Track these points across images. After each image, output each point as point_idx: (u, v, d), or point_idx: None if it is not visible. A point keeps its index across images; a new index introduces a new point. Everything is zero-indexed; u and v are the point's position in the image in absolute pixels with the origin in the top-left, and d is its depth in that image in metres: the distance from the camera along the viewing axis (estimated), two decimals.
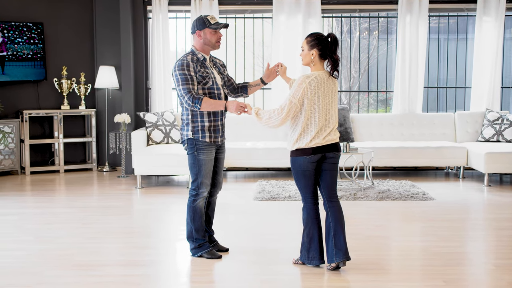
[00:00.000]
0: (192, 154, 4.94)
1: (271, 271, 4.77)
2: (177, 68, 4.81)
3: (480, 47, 9.48)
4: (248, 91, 5.27)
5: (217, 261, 4.99)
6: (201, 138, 4.89)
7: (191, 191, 5.02)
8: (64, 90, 9.59)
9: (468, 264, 4.92)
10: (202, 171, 4.92)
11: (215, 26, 4.90)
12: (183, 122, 4.97)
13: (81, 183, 8.69)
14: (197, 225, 5.02)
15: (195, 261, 5.01)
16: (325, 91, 4.63)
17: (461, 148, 8.76)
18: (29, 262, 4.97)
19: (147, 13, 9.69)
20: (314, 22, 9.46)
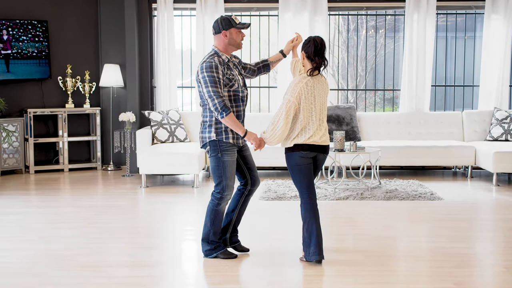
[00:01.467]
0: (215, 156, 4.85)
1: (278, 272, 4.70)
2: (205, 70, 4.71)
3: (488, 45, 9.37)
4: (270, 67, 5.29)
5: (224, 262, 4.91)
6: (225, 139, 4.82)
7: (215, 194, 4.92)
8: (69, 89, 9.53)
9: (477, 265, 4.84)
10: (227, 173, 4.85)
11: (241, 26, 4.86)
12: (205, 124, 4.87)
13: (85, 182, 8.63)
14: (216, 228, 4.97)
15: (201, 262, 4.94)
16: (320, 91, 4.80)
17: (469, 147, 8.67)
18: (34, 263, 4.91)
19: (152, 11, 9.62)
20: (320, 20, 9.38)
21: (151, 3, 9.54)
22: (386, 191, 7.63)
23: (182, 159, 8.08)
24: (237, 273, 4.72)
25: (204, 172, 9.33)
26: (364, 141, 9.12)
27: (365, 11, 9.78)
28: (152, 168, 8.17)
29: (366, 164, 8.00)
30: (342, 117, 9.07)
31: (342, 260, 4.98)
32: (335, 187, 7.79)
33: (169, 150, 8.25)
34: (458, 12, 9.96)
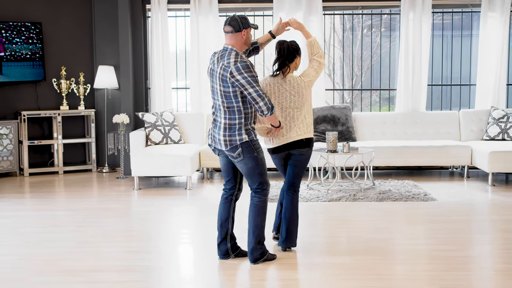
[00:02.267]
0: (251, 156, 4.81)
1: (273, 275, 4.65)
2: (244, 70, 4.65)
3: (485, 44, 9.28)
4: (260, 49, 5.30)
5: (220, 266, 4.87)
6: (255, 137, 4.87)
7: (260, 192, 4.91)
8: (63, 91, 9.50)
9: (466, 268, 4.75)
10: (265, 168, 4.91)
11: (254, 26, 4.88)
12: (233, 127, 4.78)
13: (79, 184, 8.59)
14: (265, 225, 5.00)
15: (192, 267, 4.89)
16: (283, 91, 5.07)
17: (465, 147, 8.59)
18: (15, 268, 4.86)
19: (146, 12, 9.57)
20: (315, 19, 9.31)
21: (145, 4, 9.49)
22: (380, 192, 7.56)
23: (175, 161, 8.03)
24: (235, 278, 4.66)
25: (199, 174, 9.28)
26: (359, 141, 9.05)
27: (360, 10, 9.70)
28: (144, 170, 8.13)
29: (359, 165, 7.93)
30: (337, 117, 9.00)
31: (331, 263, 4.92)
32: (327, 188, 7.73)
33: (162, 152, 8.20)
34: (454, 11, 9.88)
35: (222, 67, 4.74)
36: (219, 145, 4.86)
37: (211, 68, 4.87)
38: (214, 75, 4.83)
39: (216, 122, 4.88)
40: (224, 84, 4.72)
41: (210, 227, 6.19)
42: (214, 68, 4.82)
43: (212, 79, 4.87)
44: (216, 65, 4.81)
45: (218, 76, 4.77)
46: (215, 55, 4.88)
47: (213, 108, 4.94)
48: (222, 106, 4.79)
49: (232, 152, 4.82)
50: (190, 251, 5.45)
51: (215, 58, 4.86)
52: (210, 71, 4.88)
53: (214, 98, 4.89)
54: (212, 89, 4.89)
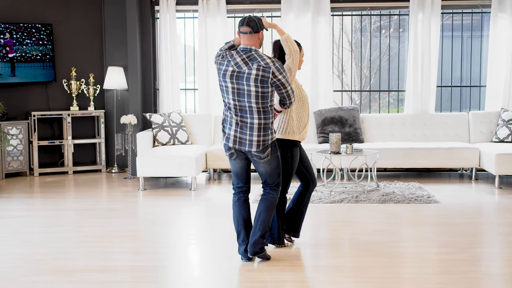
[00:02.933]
0: (276, 156, 4.88)
1: (275, 277, 4.65)
2: (283, 69, 4.74)
3: (495, 45, 9.17)
4: None
5: (222, 267, 4.88)
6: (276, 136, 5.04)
7: (276, 189, 4.96)
8: (73, 91, 9.60)
9: (457, 272, 4.69)
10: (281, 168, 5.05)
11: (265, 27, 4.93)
12: (266, 127, 4.78)
13: (87, 184, 8.67)
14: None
15: (188, 267, 4.91)
16: None
17: (473, 149, 8.49)
18: (8, 267, 4.91)
19: (155, 13, 9.63)
20: (323, 20, 9.28)
21: (154, 6, 9.55)
22: (383, 194, 7.51)
23: (180, 162, 8.06)
24: (233, 279, 4.68)
25: (206, 175, 9.30)
26: (367, 142, 9.00)
27: (368, 11, 9.65)
28: (150, 171, 8.17)
29: (363, 166, 7.89)
30: (345, 119, 8.96)
31: (322, 265, 4.91)
32: (330, 190, 7.70)
33: (168, 153, 8.23)
34: (464, 12, 9.78)
35: (260, 68, 4.67)
36: (247, 146, 4.78)
37: (233, 70, 4.73)
38: (242, 77, 4.71)
39: (244, 123, 4.77)
40: (263, 85, 4.68)
41: (211, 228, 6.23)
42: (244, 70, 4.70)
43: (237, 81, 4.72)
44: (246, 67, 4.70)
45: (253, 78, 4.67)
46: (236, 57, 4.75)
47: (234, 109, 4.78)
48: (254, 107, 4.72)
49: (262, 152, 4.78)
50: (189, 251, 5.46)
51: (238, 59, 4.73)
52: (235, 73, 4.72)
53: (237, 100, 4.75)
54: (237, 90, 4.74)
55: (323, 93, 9.34)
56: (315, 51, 9.29)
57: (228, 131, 4.84)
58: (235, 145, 4.81)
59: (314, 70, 9.31)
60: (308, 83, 9.20)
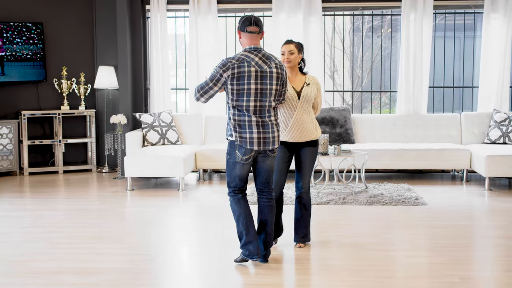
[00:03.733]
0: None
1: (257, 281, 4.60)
2: (286, 68, 4.97)
3: (487, 45, 9.10)
4: None
5: (205, 269, 4.82)
6: None
7: (272, 192, 5.04)
8: (64, 91, 9.56)
9: (432, 275, 4.63)
10: None
11: None
12: (277, 122, 4.94)
13: (76, 184, 8.63)
14: None
15: (165, 270, 4.87)
16: None
17: (464, 150, 8.42)
18: None
19: (145, 12, 9.58)
20: (315, 20, 9.23)
21: (145, 5, 9.50)
22: (371, 195, 7.45)
23: (168, 162, 8.01)
24: (224, 281, 4.63)
25: (196, 175, 9.25)
26: (358, 143, 8.94)
27: (360, 11, 9.58)
28: (138, 171, 8.12)
29: (351, 167, 7.83)
30: (336, 119, 8.90)
31: (292, 268, 4.86)
32: (318, 191, 7.64)
33: (156, 153, 8.19)
34: (456, 12, 9.70)
35: (278, 67, 4.79)
36: (271, 144, 4.82)
37: (256, 70, 4.71)
38: (266, 76, 4.73)
39: (265, 123, 4.78)
40: (281, 83, 4.85)
41: (198, 229, 6.16)
42: (265, 69, 4.73)
43: (262, 81, 4.73)
44: (266, 66, 4.74)
45: (275, 76, 4.76)
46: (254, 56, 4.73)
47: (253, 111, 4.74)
48: (271, 105, 4.81)
49: (272, 150, 4.90)
50: (175, 252, 5.41)
51: (256, 58, 4.72)
52: (258, 73, 4.72)
53: (259, 100, 4.74)
54: (260, 91, 4.73)
55: None
56: (307, 51, 9.22)
57: (250, 134, 4.74)
58: (261, 147, 4.77)
59: (305, 70, 9.21)
60: None
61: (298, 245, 5.37)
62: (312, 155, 5.28)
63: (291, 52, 5.19)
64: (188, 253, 5.39)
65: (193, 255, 5.28)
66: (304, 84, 5.26)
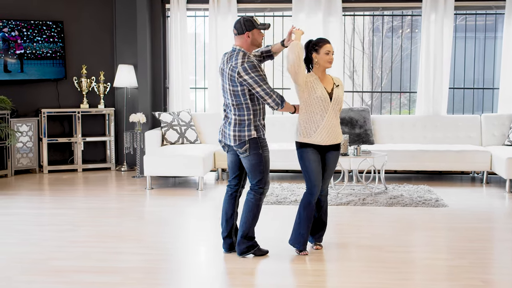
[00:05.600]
0: (257, 153, 4.99)
1: (267, 281, 4.60)
2: (251, 70, 4.87)
3: (508, 46, 9.01)
4: (273, 57, 5.36)
5: (211, 271, 4.82)
6: (263, 136, 5.04)
7: (257, 190, 5.06)
8: (84, 89, 9.61)
9: (454, 279, 4.60)
10: (267, 168, 5.05)
11: (262, 27, 5.00)
12: (242, 123, 4.97)
13: (95, 182, 8.66)
14: (256, 222, 5.14)
15: (172, 270, 4.87)
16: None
17: (484, 152, 8.36)
18: (2, 266, 4.89)
19: (165, 12, 9.60)
20: (334, 20, 9.19)
21: (165, 4, 9.53)
22: (391, 197, 7.41)
23: (187, 161, 8.02)
24: (229, 283, 4.63)
25: (215, 174, 9.25)
26: (377, 144, 8.90)
27: (381, 12, 9.53)
28: (157, 170, 8.14)
29: (371, 168, 7.80)
30: (355, 120, 8.86)
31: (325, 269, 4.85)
32: (338, 191, 7.62)
33: (175, 152, 8.20)
34: (477, 13, 9.63)
35: (230, 68, 4.94)
36: (228, 140, 5.04)
37: (221, 67, 5.08)
38: (224, 75, 5.02)
39: (227, 119, 5.06)
40: (233, 84, 4.92)
41: (215, 229, 6.15)
42: (224, 68, 5.01)
43: (222, 78, 5.06)
44: (226, 65, 5.00)
45: (227, 76, 4.96)
46: (225, 55, 5.08)
47: (224, 105, 5.12)
48: (231, 103, 4.98)
49: (240, 147, 4.99)
50: (192, 252, 5.41)
51: (225, 58, 5.07)
52: (221, 71, 5.08)
53: (224, 96, 5.08)
54: (223, 88, 5.08)
55: None
56: None
57: (221, 125, 5.15)
58: (221, 138, 5.14)
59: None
60: None
61: (315, 247, 5.33)
62: (336, 159, 5.24)
63: (332, 52, 5.19)
64: (206, 253, 5.40)
65: (210, 256, 5.28)
66: (334, 85, 5.18)
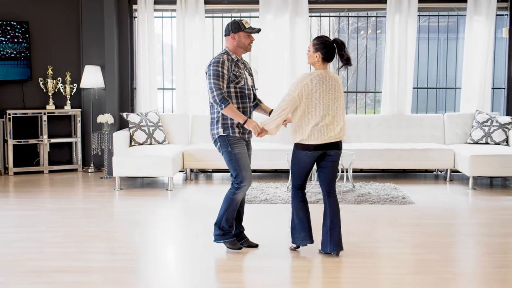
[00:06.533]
0: (227, 151, 5.08)
1: (240, 279, 4.66)
2: (212, 64, 4.99)
3: (470, 47, 9.26)
4: (256, 109, 5.41)
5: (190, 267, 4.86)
6: (231, 133, 5.05)
7: (234, 184, 5.14)
8: (50, 90, 9.53)
9: (427, 272, 4.74)
10: (240, 164, 5.06)
11: (249, 30, 5.10)
12: (213, 120, 5.10)
13: (62, 184, 8.61)
14: (229, 215, 5.18)
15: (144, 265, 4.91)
16: (327, 89, 4.88)
17: (448, 150, 8.58)
18: None
19: (132, 12, 9.59)
20: (301, 21, 9.31)
21: (132, 5, 9.51)
22: (358, 194, 7.55)
23: (156, 162, 8.03)
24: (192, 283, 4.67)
25: (183, 175, 9.28)
26: (344, 143, 9.01)
27: (346, 13, 9.69)
28: (126, 171, 8.13)
29: (340, 167, 7.92)
30: None
31: (296, 265, 4.93)
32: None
33: (144, 153, 8.21)
34: (440, 14, 9.86)
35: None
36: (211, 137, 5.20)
37: None
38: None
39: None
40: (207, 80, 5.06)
41: (186, 229, 6.20)
42: None
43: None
44: None
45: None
46: None
47: None
48: (209, 102, 5.10)
49: (214, 145, 5.16)
50: (164, 251, 5.45)
51: None
52: None
53: None
54: None
55: None
56: (293, 52, 9.31)
57: None
58: None
59: (291, 70, 9.32)
60: (285, 84, 9.23)
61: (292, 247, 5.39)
62: None
63: (308, 49, 5.07)
64: (177, 252, 5.44)
65: (182, 255, 5.33)
66: None
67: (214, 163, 8.55)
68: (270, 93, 9.14)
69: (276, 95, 8.81)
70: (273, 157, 8.58)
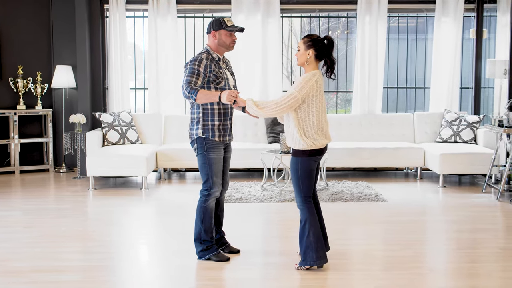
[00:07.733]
0: (202, 154, 4.95)
1: (220, 275, 4.70)
2: (190, 62, 4.89)
3: (439, 48, 9.44)
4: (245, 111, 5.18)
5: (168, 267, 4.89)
6: (211, 137, 4.92)
7: (202, 192, 5.00)
8: (20, 90, 9.45)
9: (403, 268, 4.86)
10: (213, 170, 4.94)
11: (230, 29, 4.98)
12: (193, 120, 4.97)
13: (34, 184, 8.55)
14: (206, 225, 5.01)
15: (134, 267, 4.92)
16: (321, 89, 4.73)
17: (418, 149, 8.74)
18: None
19: (104, 12, 9.56)
20: (273, 21, 9.39)
21: (103, 4, 9.48)
22: (332, 193, 7.66)
23: (130, 162, 8.04)
24: (170, 283, 4.71)
25: (156, 174, 9.29)
26: None
27: (317, 13, 9.80)
28: (100, 171, 8.12)
29: None
30: None
31: (272, 263, 5.00)
32: (281, 189, 7.81)
33: (118, 152, 8.20)
34: (409, 15, 10.03)
35: None
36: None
37: None
38: None
39: None
40: None
41: (162, 228, 6.23)
42: None
43: None
44: None
45: None
46: None
47: None
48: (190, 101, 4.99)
49: (191, 145, 5.02)
50: (139, 250, 5.47)
51: None
52: None
53: None
54: None
55: (272, 93, 9.44)
56: (265, 52, 9.38)
57: None
58: None
59: (264, 70, 9.39)
60: (258, 83, 9.30)
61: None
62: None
63: (298, 48, 4.78)
64: (153, 250, 5.47)
65: (158, 253, 5.36)
66: None
67: (187, 162, 8.58)
68: (241, 93, 9.17)
69: (248, 95, 8.88)
70: (246, 157, 8.63)
